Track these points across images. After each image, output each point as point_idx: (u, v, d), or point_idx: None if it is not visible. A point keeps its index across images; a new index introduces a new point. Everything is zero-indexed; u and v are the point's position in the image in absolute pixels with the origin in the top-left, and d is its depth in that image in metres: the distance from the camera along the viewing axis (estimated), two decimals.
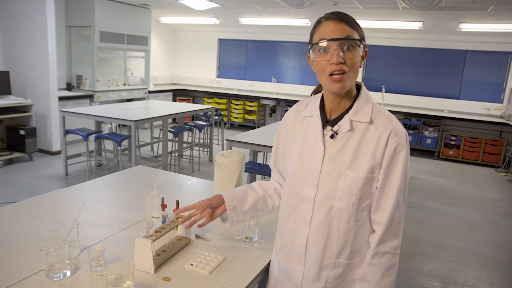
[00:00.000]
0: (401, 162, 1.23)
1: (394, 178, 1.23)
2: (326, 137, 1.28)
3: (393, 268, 1.26)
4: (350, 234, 1.26)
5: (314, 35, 1.24)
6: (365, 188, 1.23)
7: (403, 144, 1.23)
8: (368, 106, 1.27)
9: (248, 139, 4.01)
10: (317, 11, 7.66)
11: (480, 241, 4.14)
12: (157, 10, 8.89)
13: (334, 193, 1.25)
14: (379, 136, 1.23)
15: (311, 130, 1.33)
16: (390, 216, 1.23)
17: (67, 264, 1.35)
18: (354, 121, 1.26)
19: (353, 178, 1.23)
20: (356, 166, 1.23)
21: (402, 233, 1.27)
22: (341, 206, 1.25)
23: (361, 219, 1.26)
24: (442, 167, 7.17)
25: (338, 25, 1.18)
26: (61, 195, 2.14)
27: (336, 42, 1.17)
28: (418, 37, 7.96)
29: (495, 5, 6.01)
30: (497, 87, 7.69)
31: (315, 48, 1.22)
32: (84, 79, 7.59)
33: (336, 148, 1.26)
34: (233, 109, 9.56)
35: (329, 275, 1.30)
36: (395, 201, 1.23)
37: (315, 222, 1.29)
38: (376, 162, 1.22)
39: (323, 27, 1.20)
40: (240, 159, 2.20)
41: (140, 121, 4.98)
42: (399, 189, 1.23)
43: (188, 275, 1.42)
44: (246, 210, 1.51)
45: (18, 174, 5.34)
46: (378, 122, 1.25)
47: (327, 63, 1.19)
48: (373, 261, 1.25)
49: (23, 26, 6.13)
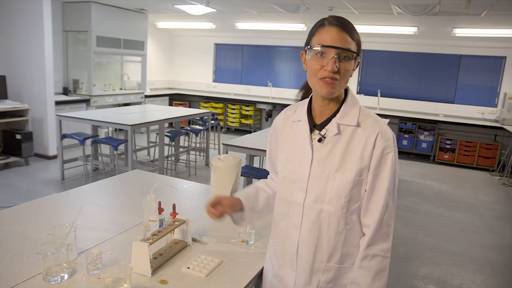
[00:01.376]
0: (389, 164, 1.23)
1: (382, 180, 1.23)
2: (314, 141, 1.29)
3: (383, 272, 1.25)
4: (340, 237, 1.26)
5: (314, 36, 1.23)
6: (353, 191, 1.23)
7: (390, 146, 1.23)
8: (355, 109, 1.28)
9: (245, 144, 4.02)
10: (313, 16, 7.70)
11: (475, 244, 4.17)
12: (153, 15, 8.91)
13: (323, 196, 1.26)
14: (366, 138, 1.23)
15: (299, 134, 1.33)
16: (379, 218, 1.23)
17: (64, 268, 1.36)
18: (342, 125, 1.27)
19: (341, 181, 1.23)
20: (344, 169, 1.24)
21: (392, 236, 1.27)
22: (330, 209, 1.25)
23: (351, 222, 1.26)
24: (438, 171, 7.21)
25: (340, 34, 1.18)
26: (58, 199, 2.15)
27: (334, 50, 1.18)
28: (413, 41, 8.02)
29: (488, 10, 6.07)
30: (492, 92, 7.75)
31: (312, 50, 1.22)
32: (80, 83, 7.59)
33: (324, 152, 1.27)
34: (230, 114, 9.57)
35: (320, 279, 1.30)
36: (384, 203, 1.23)
37: (305, 227, 1.29)
38: (364, 165, 1.23)
39: (325, 31, 1.20)
40: (236, 163, 2.21)
41: (137, 125, 4.98)
42: (387, 191, 1.23)
43: (184, 278, 1.43)
44: (260, 210, 1.52)
45: (15, 178, 5.33)
46: (365, 125, 1.26)
47: (321, 68, 1.20)
48: (363, 264, 1.25)
49: (19, 30, 6.14)
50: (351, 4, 6.33)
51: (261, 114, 9.74)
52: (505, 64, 7.54)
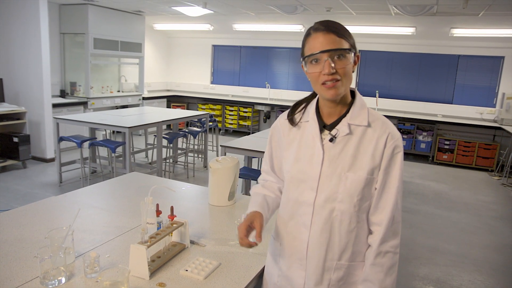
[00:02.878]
0: (398, 164, 1.28)
1: (392, 179, 1.28)
2: (324, 141, 1.30)
3: (394, 267, 1.29)
4: (351, 235, 1.29)
5: (305, 47, 1.27)
6: (365, 190, 1.27)
7: (399, 146, 1.28)
8: (364, 111, 1.31)
9: (243, 145, 4.01)
10: (310, 17, 7.71)
11: (475, 244, 4.16)
12: (151, 16, 8.91)
13: (335, 196, 1.27)
14: (377, 138, 1.27)
15: (308, 134, 1.34)
16: (390, 216, 1.27)
17: (62, 271, 1.35)
18: (352, 125, 1.29)
19: (353, 180, 1.26)
20: (356, 168, 1.26)
21: (400, 232, 1.32)
22: (342, 208, 1.27)
23: (361, 220, 1.30)
24: (436, 172, 7.21)
25: (327, 36, 1.21)
26: (56, 202, 2.14)
27: (326, 54, 1.20)
28: (411, 42, 8.03)
29: (485, 10, 6.08)
30: (490, 92, 7.76)
31: (307, 60, 1.25)
32: (78, 86, 7.57)
33: (335, 152, 1.28)
34: (228, 115, 9.56)
35: (332, 277, 1.31)
36: (394, 201, 1.27)
37: (315, 226, 1.30)
38: (375, 164, 1.26)
39: (313, 39, 1.23)
40: (234, 165, 2.21)
41: (135, 127, 4.97)
42: (397, 190, 1.27)
43: (183, 280, 1.42)
44: (270, 214, 1.49)
45: (12, 181, 5.30)
46: (375, 125, 1.29)
47: (319, 74, 1.22)
48: (376, 261, 1.28)
49: (16, 33, 6.12)
50: (349, 5, 6.33)
51: (259, 116, 9.73)
52: (503, 64, 7.55)
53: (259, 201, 1.46)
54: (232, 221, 1.97)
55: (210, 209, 2.17)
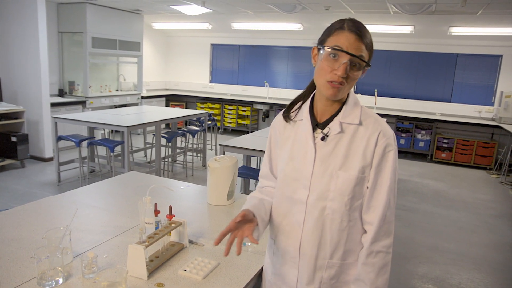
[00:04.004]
0: (390, 162, 1.26)
1: (384, 177, 1.26)
2: (316, 140, 1.30)
3: (386, 267, 1.28)
4: (343, 234, 1.28)
5: (331, 37, 1.23)
6: (356, 188, 1.26)
7: (392, 144, 1.27)
8: (357, 109, 1.31)
9: (241, 144, 4.01)
10: (309, 16, 7.71)
11: (473, 243, 4.17)
12: (149, 15, 8.89)
13: (326, 194, 1.27)
14: (368, 137, 1.26)
15: (301, 133, 1.35)
16: (382, 215, 1.26)
17: (59, 272, 1.34)
18: (344, 123, 1.29)
19: (345, 179, 1.25)
20: (347, 167, 1.26)
21: (393, 232, 1.30)
22: (333, 206, 1.27)
23: (353, 219, 1.28)
24: (435, 170, 7.22)
25: (358, 42, 1.20)
26: (54, 202, 2.13)
27: (348, 57, 1.19)
28: (410, 41, 8.03)
29: (484, 9, 6.08)
30: (488, 90, 7.77)
31: (327, 51, 1.22)
32: (76, 85, 7.55)
33: (326, 150, 1.28)
34: (226, 114, 9.56)
35: (323, 276, 1.31)
36: (386, 200, 1.26)
37: (308, 224, 1.30)
38: (366, 162, 1.26)
39: (344, 36, 1.21)
40: (233, 164, 2.20)
41: (133, 126, 4.96)
42: (389, 188, 1.26)
43: (181, 280, 1.42)
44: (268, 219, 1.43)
45: (10, 181, 5.29)
46: (367, 123, 1.29)
47: (331, 70, 1.21)
48: (368, 260, 1.27)
49: (14, 32, 6.10)
50: (347, 4, 6.33)
51: (258, 115, 9.73)
52: (501, 63, 7.56)
53: (252, 202, 1.41)
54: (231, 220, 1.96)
55: (208, 209, 2.17)
